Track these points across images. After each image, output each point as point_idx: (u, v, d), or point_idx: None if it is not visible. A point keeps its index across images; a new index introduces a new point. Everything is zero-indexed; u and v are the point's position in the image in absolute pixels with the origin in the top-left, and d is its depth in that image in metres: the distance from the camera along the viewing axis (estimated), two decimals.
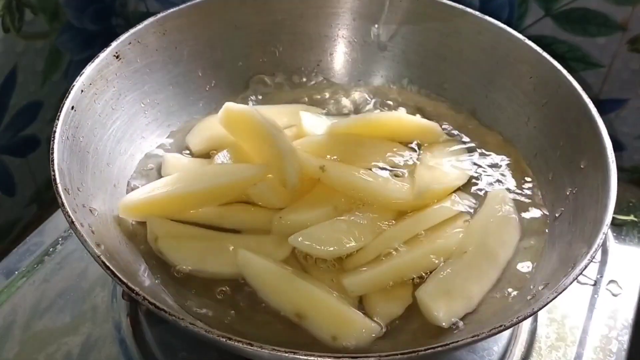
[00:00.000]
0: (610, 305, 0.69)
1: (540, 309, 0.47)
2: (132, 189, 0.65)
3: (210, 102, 0.75)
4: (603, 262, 0.73)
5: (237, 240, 0.61)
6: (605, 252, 0.74)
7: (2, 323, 0.66)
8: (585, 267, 0.49)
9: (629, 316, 0.68)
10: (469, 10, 0.72)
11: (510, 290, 0.57)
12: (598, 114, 0.60)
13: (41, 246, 0.73)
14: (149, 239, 0.60)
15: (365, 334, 0.54)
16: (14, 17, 0.88)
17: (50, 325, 0.66)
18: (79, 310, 0.67)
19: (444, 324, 0.54)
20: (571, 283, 0.48)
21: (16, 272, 0.70)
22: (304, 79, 0.79)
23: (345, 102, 0.78)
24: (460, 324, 0.55)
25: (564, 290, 0.47)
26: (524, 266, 0.59)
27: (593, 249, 0.49)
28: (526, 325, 0.66)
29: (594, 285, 0.71)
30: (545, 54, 0.67)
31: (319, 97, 0.78)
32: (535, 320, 0.67)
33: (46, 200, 1.00)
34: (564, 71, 0.65)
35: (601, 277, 0.71)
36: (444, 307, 0.55)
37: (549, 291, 0.48)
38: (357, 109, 0.77)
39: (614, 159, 0.56)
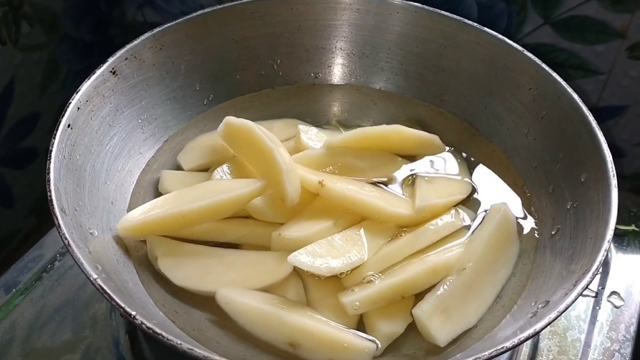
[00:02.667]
0: (612, 317, 0.68)
1: (543, 328, 0.46)
2: (130, 206, 0.64)
3: (208, 116, 0.74)
4: (604, 274, 0.72)
5: (238, 257, 0.60)
6: (606, 263, 0.73)
7: (0, 340, 0.65)
8: (587, 285, 0.48)
9: (631, 328, 0.68)
10: (466, 21, 0.72)
11: (510, 306, 0.57)
12: (598, 126, 0.60)
13: (41, 260, 0.73)
14: (150, 259, 0.60)
15: (363, 355, 0.53)
16: (10, 29, 0.88)
17: (49, 343, 0.66)
18: (77, 326, 0.67)
19: (441, 343, 0.54)
20: (573, 302, 0.47)
21: (14, 290, 0.70)
22: (301, 92, 0.79)
23: (343, 114, 0.77)
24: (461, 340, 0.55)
25: (566, 309, 0.47)
26: (524, 282, 0.59)
27: (595, 267, 0.49)
28: None
29: (596, 297, 0.70)
30: (544, 65, 0.66)
31: (316, 109, 0.77)
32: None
33: (45, 212, 1.00)
34: (563, 82, 0.64)
35: (603, 288, 0.71)
36: (441, 326, 0.54)
37: (551, 310, 0.47)
38: (354, 122, 0.76)
39: (614, 172, 0.56)
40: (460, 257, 0.59)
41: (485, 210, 0.65)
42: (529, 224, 0.64)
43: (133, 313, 0.46)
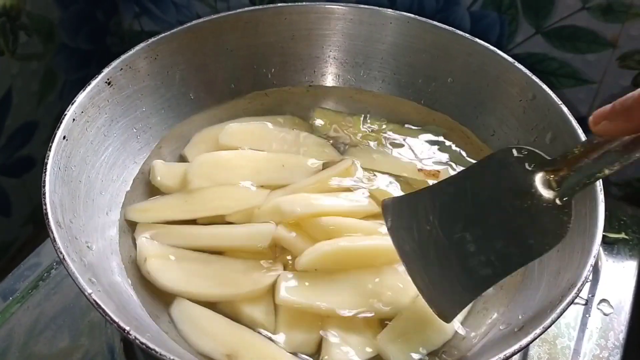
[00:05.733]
0: (601, 325, 0.69)
1: (528, 344, 0.47)
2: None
3: (203, 124, 0.75)
4: (594, 281, 0.73)
5: (223, 263, 0.61)
6: (596, 271, 0.74)
7: None
8: (573, 300, 0.49)
9: (621, 335, 0.68)
10: (458, 32, 0.72)
11: (496, 320, 0.58)
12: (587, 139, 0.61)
13: (38, 268, 0.74)
14: (138, 261, 0.61)
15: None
16: (8, 39, 0.89)
17: (45, 350, 0.66)
18: (74, 333, 0.68)
19: None
20: (559, 317, 0.48)
21: (11, 298, 0.70)
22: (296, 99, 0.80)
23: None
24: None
25: (552, 324, 0.47)
26: (512, 294, 0.59)
27: (580, 282, 0.49)
28: None
29: (586, 304, 0.71)
30: (534, 77, 0.67)
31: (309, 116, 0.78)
32: None
33: (42, 220, 1.00)
34: (553, 94, 0.65)
35: (592, 296, 0.72)
36: (399, 351, 0.54)
37: (537, 325, 0.47)
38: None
39: (602, 187, 0.56)
40: None
41: None
42: None
43: (127, 328, 0.46)
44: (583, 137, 0.60)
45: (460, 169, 0.70)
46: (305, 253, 0.59)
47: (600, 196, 0.55)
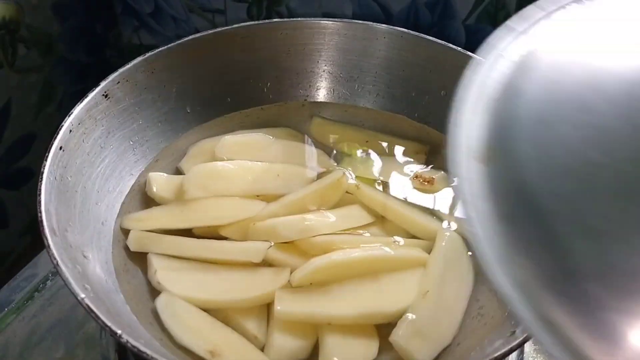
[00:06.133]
0: None
1: (519, 346, 0.47)
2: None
3: (199, 138, 0.75)
4: None
5: (229, 271, 0.62)
6: None
7: None
8: None
9: None
10: (451, 45, 0.73)
11: (493, 325, 0.58)
12: None
13: (34, 279, 0.74)
14: (149, 274, 0.61)
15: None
16: (7, 52, 0.90)
17: None
18: (69, 345, 0.68)
19: None
20: None
21: (6, 309, 0.71)
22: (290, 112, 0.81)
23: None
24: None
25: None
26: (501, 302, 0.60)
27: None
28: (512, 357, 0.67)
29: None
30: None
31: (305, 130, 0.78)
32: (522, 352, 0.67)
33: (39, 232, 1.01)
34: None
35: None
36: (420, 347, 0.55)
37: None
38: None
39: None
40: (422, 281, 0.60)
41: None
42: None
43: (119, 332, 0.47)
44: None
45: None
46: (299, 269, 0.59)
47: None
